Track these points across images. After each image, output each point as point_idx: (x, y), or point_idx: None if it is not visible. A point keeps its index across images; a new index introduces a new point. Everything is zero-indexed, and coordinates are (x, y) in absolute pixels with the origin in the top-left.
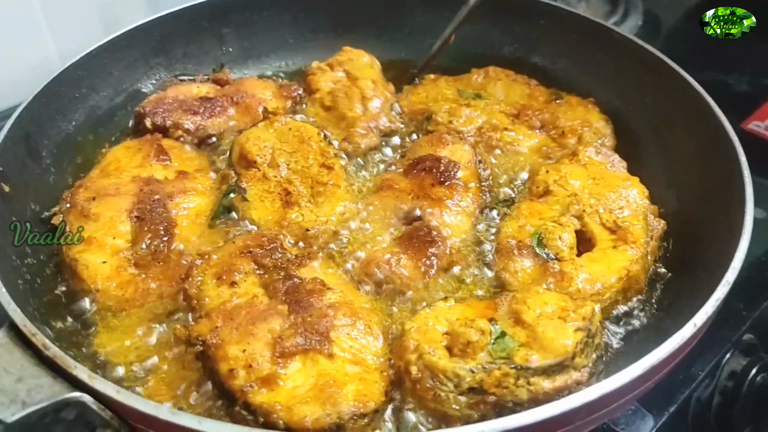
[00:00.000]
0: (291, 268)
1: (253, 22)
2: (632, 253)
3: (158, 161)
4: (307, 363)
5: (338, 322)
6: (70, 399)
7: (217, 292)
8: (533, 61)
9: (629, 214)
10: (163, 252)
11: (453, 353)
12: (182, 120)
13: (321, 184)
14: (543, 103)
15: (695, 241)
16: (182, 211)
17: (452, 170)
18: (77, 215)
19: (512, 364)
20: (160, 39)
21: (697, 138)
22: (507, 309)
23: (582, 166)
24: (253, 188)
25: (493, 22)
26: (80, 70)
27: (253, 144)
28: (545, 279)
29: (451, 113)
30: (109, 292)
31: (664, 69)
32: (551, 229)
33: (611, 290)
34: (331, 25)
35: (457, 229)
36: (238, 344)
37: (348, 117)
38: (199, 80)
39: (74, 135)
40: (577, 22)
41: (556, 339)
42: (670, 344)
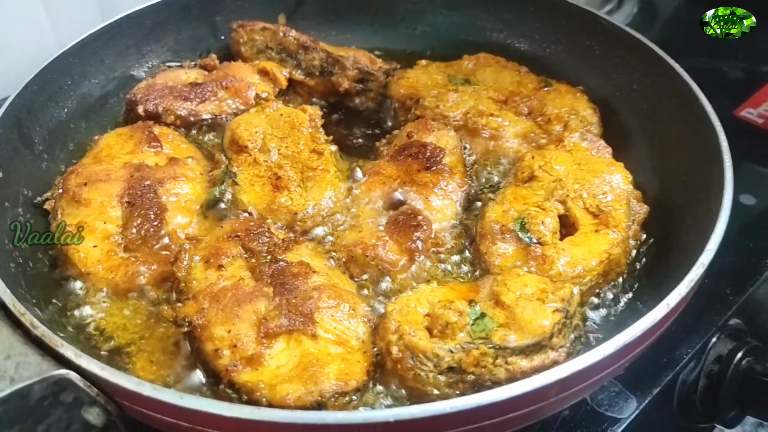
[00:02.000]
0: (278, 252)
1: (244, 9)
2: (614, 236)
3: (150, 147)
4: (291, 343)
5: (323, 304)
6: (57, 376)
7: (205, 275)
8: (523, 48)
9: (612, 198)
10: (153, 236)
11: (433, 334)
12: (174, 106)
13: (311, 169)
14: (532, 90)
15: (677, 225)
16: (172, 197)
17: (438, 156)
18: (69, 201)
19: (490, 344)
20: (152, 27)
21: (682, 123)
22: (488, 291)
23: (567, 152)
24: (243, 173)
25: (483, 9)
26: (72, 58)
27: (244, 129)
28: (527, 262)
29: (438, 98)
30: (100, 275)
31: (650, 55)
32: (534, 214)
33: (592, 273)
34: (323, 12)
35: (442, 214)
36: (223, 325)
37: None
38: (186, 66)
39: (67, 122)
40: (566, 9)
41: (534, 320)
42: (642, 324)
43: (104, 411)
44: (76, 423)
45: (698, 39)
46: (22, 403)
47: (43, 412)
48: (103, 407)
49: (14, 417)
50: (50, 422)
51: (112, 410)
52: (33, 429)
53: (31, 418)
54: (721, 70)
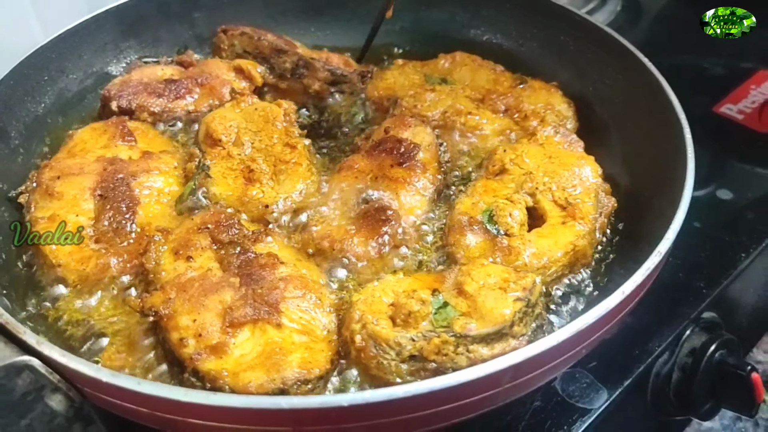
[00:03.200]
0: (247, 243)
1: (223, 6)
2: (580, 228)
3: (123, 142)
4: (256, 332)
5: (288, 294)
6: (19, 362)
7: (173, 266)
8: (499, 44)
9: (581, 191)
10: (125, 228)
11: (396, 323)
12: (147, 102)
13: (284, 162)
14: (508, 87)
15: (643, 216)
16: (145, 190)
17: (412, 151)
18: (42, 194)
19: (452, 332)
20: (130, 23)
21: (651, 117)
22: (452, 281)
23: (539, 146)
24: (217, 165)
25: (460, 5)
26: (49, 53)
27: (219, 123)
28: (494, 254)
29: (415, 98)
30: (71, 266)
31: (621, 50)
32: (502, 206)
33: (557, 264)
34: (302, 8)
35: (412, 210)
36: (189, 314)
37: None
38: (163, 62)
39: (43, 117)
40: (541, 5)
41: (495, 308)
42: (597, 311)
43: (67, 398)
44: (60, 417)
45: (682, 37)
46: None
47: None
48: (65, 394)
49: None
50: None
51: (74, 397)
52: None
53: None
54: (702, 67)
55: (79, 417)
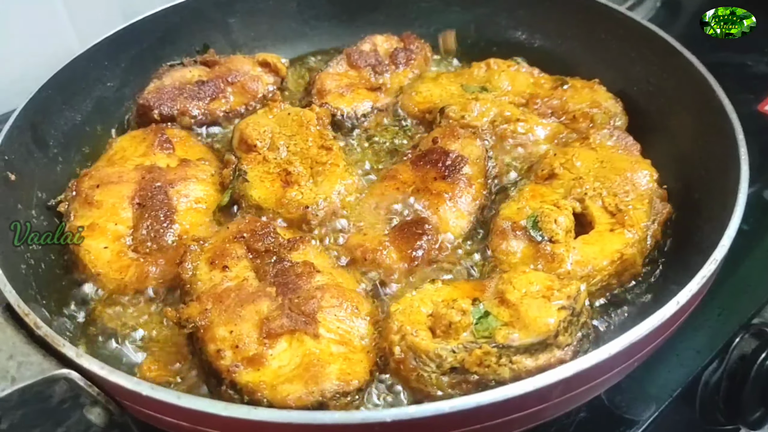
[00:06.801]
0: (283, 252)
1: (258, 11)
2: (629, 236)
3: (162, 150)
4: (294, 343)
5: (325, 303)
6: (59, 375)
7: (209, 276)
8: (538, 44)
9: (634, 197)
10: (163, 237)
11: (436, 334)
12: (187, 107)
13: (320, 164)
14: (549, 90)
15: (693, 220)
16: (183, 198)
17: (458, 165)
18: (81, 202)
19: (494, 343)
20: (166, 30)
21: (699, 117)
22: (494, 289)
23: (592, 149)
24: (253, 170)
25: (497, 5)
26: (86, 62)
27: (252, 129)
28: (536, 260)
29: (462, 108)
30: (110, 275)
31: (666, 48)
32: (547, 212)
33: (603, 273)
34: (335, 12)
35: (452, 225)
36: (225, 326)
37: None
38: (188, 64)
39: (82, 125)
40: (581, 3)
41: (539, 317)
42: (650, 322)
43: (105, 411)
44: (95, 427)
45: None
46: (41, 405)
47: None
48: (104, 407)
49: (34, 419)
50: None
51: (113, 410)
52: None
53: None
54: (745, 65)
55: (115, 426)
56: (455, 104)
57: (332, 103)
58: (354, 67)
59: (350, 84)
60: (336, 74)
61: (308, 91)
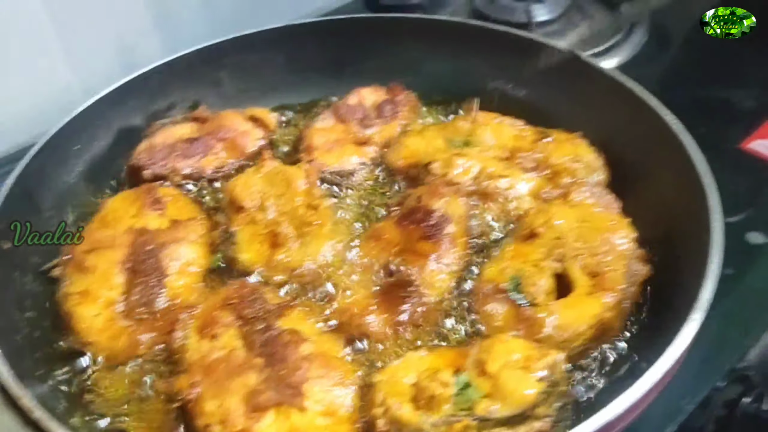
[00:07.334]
0: (271, 318)
1: (247, 64)
2: (607, 300)
3: (153, 210)
4: (280, 417)
5: (311, 374)
6: None
7: (198, 345)
8: (522, 94)
9: (613, 258)
10: (154, 303)
11: (419, 406)
12: (178, 165)
13: (307, 224)
14: (532, 142)
15: (674, 280)
16: (174, 261)
17: (441, 225)
18: (74, 268)
19: (474, 416)
20: (157, 86)
21: (671, 166)
22: (475, 358)
23: (571, 207)
24: (242, 232)
25: (480, 56)
26: (78, 123)
27: (241, 189)
28: (517, 325)
29: (446, 164)
30: (102, 344)
31: (634, 98)
32: (528, 274)
33: (582, 338)
34: (326, 62)
35: (436, 287)
36: (214, 399)
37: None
38: (178, 121)
39: (74, 185)
40: (554, 54)
41: (517, 390)
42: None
43: None
44: None
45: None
46: None
47: None
48: None
49: None
50: None
51: None
52: None
53: None
54: (731, 101)
55: None
56: (439, 159)
57: (320, 159)
58: (341, 121)
59: (338, 139)
60: (324, 129)
61: (297, 147)
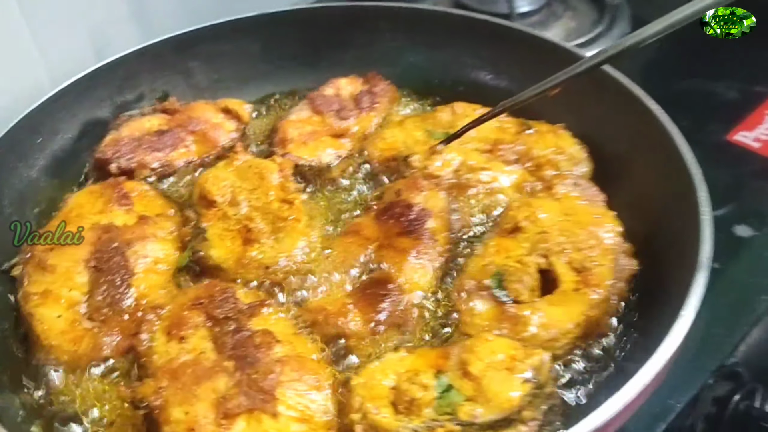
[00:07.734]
0: (242, 319)
1: (219, 55)
2: (593, 297)
3: (120, 206)
4: (251, 423)
5: (285, 378)
6: None
7: (166, 348)
8: (503, 85)
9: (598, 253)
10: (119, 303)
11: (398, 410)
12: (146, 159)
13: (281, 219)
14: (514, 134)
15: (661, 275)
16: (141, 259)
17: (421, 219)
18: (35, 267)
19: (457, 420)
20: (125, 77)
21: (657, 157)
22: (457, 358)
23: (556, 201)
24: (213, 227)
25: (461, 46)
26: (41, 115)
27: (212, 184)
28: (501, 323)
29: (425, 156)
30: (63, 347)
31: (619, 88)
32: (512, 270)
33: (568, 336)
34: (301, 53)
35: (416, 284)
36: (181, 406)
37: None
38: (147, 112)
39: (37, 180)
40: (538, 43)
41: (501, 392)
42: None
43: None
44: None
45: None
46: None
47: None
48: None
49: None
50: None
51: None
52: None
53: None
54: (715, 93)
55: None
56: (419, 151)
57: (294, 153)
58: (317, 112)
59: (314, 131)
60: (299, 121)
61: (270, 139)
